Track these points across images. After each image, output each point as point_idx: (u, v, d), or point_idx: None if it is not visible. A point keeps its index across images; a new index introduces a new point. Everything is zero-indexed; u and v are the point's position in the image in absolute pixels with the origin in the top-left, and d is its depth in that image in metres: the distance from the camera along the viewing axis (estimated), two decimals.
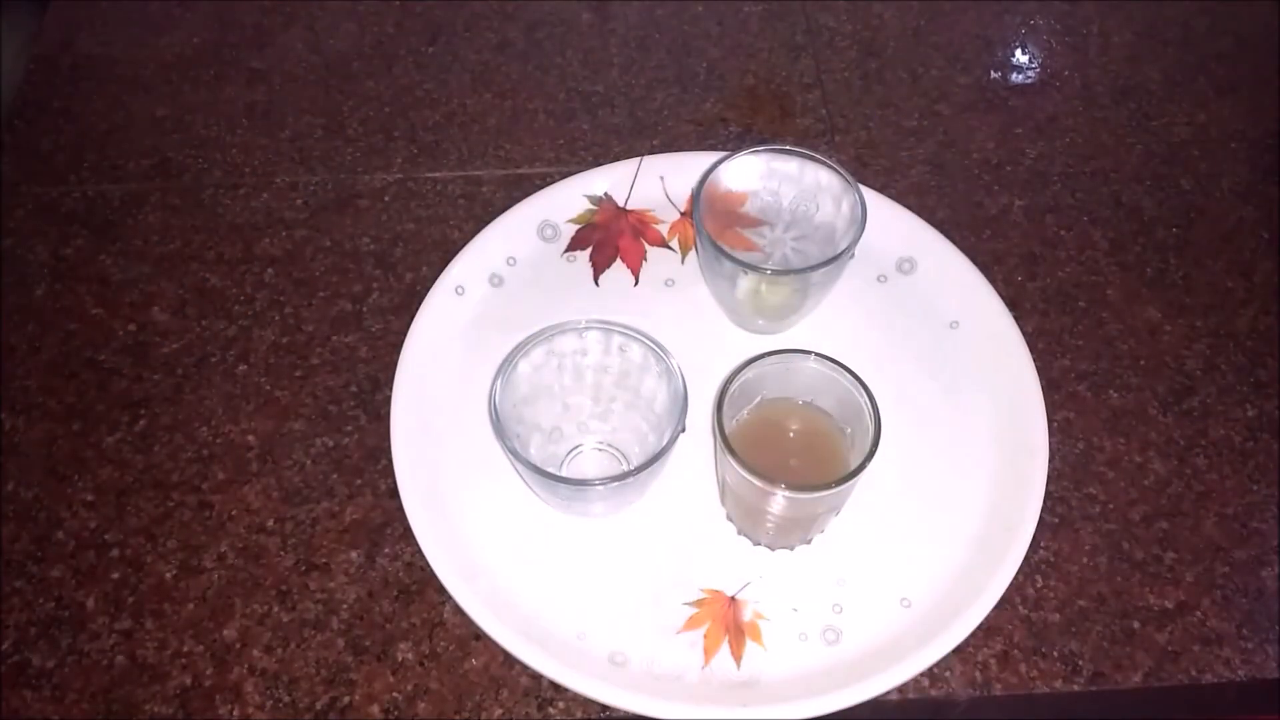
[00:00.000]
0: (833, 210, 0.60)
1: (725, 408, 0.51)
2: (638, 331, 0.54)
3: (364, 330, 0.64)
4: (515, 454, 0.50)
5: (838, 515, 0.55)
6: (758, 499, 0.51)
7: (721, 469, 0.55)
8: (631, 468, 0.54)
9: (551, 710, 0.52)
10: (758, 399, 0.55)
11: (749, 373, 0.52)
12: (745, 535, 0.56)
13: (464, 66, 0.78)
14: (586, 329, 0.55)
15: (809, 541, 0.56)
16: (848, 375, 0.52)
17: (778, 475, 0.49)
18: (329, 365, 0.63)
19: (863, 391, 0.51)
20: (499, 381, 0.52)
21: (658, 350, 0.53)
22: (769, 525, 0.54)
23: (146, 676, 0.53)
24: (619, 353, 0.55)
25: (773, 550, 0.56)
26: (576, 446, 0.58)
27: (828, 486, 0.49)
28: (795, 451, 0.55)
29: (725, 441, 0.50)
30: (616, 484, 0.52)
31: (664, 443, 0.51)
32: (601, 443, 0.58)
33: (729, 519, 0.56)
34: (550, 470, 0.53)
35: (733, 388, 0.52)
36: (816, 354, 0.53)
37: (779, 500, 0.50)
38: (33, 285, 0.66)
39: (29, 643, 0.54)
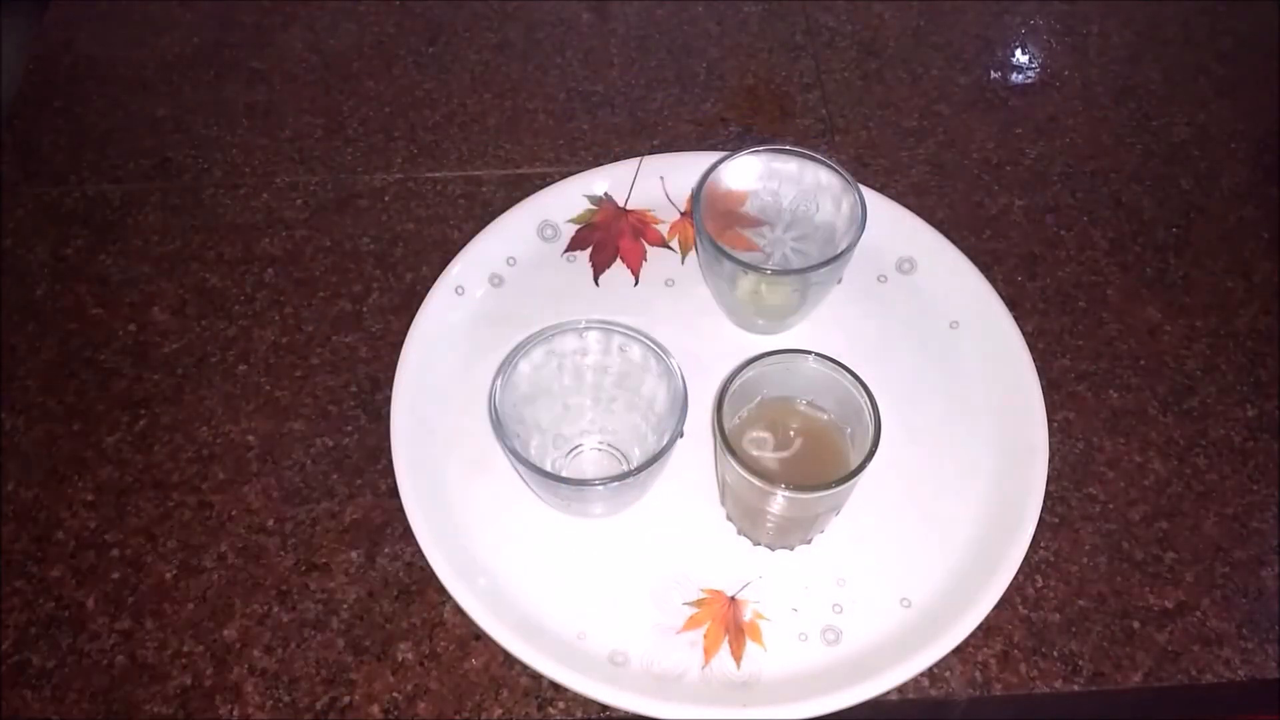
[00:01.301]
0: (833, 210, 0.60)
1: (725, 407, 0.51)
2: (638, 331, 0.54)
3: (364, 330, 0.64)
4: (515, 454, 0.50)
5: (838, 515, 0.55)
6: (758, 499, 0.51)
7: (721, 469, 0.55)
8: (631, 468, 0.54)
9: (551, 710, 0.52)
10: (758, 399, 0.55)
11: (749, 373, 0.52)
12: (745, 535, 0.56)
13: (464, 66, 0.78)
14: (586, 329, 0.55)
15: (809, 541, 0.56)
16: (848, 375, 0.52)
17: (778, 475, 0.49)
18: (329, 365, 0.63)
19: (863, 391, 0.51)
20: (499, 381, 0.52)
21: (658, 350, 0.53)
22: (769, 525, 0.54)
23: (146, 677, 0.53)
24: (619, 353, 0.55)
25: (773, 550, 0.56)
26: (577, 446, 0.58)
27: (828, 486, 0.49)
28: (795, 451, 0.55)
29: (725, 441, 0.50)
30: (616, 484, 0.52)
31: (664, 443, 0.51)
32: (601, 443, 0.58)
33: (729, 519, 0.56)
34: (550, 470, 0.53)
35: (733, 388, 0.52)
36: (816, 354, 0.53)
37: (779, 500, 0.50)
38: (33, 285, 0.66)
39: (29, 643, 0.54)
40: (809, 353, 0.53)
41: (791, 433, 0.55)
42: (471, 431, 0.58)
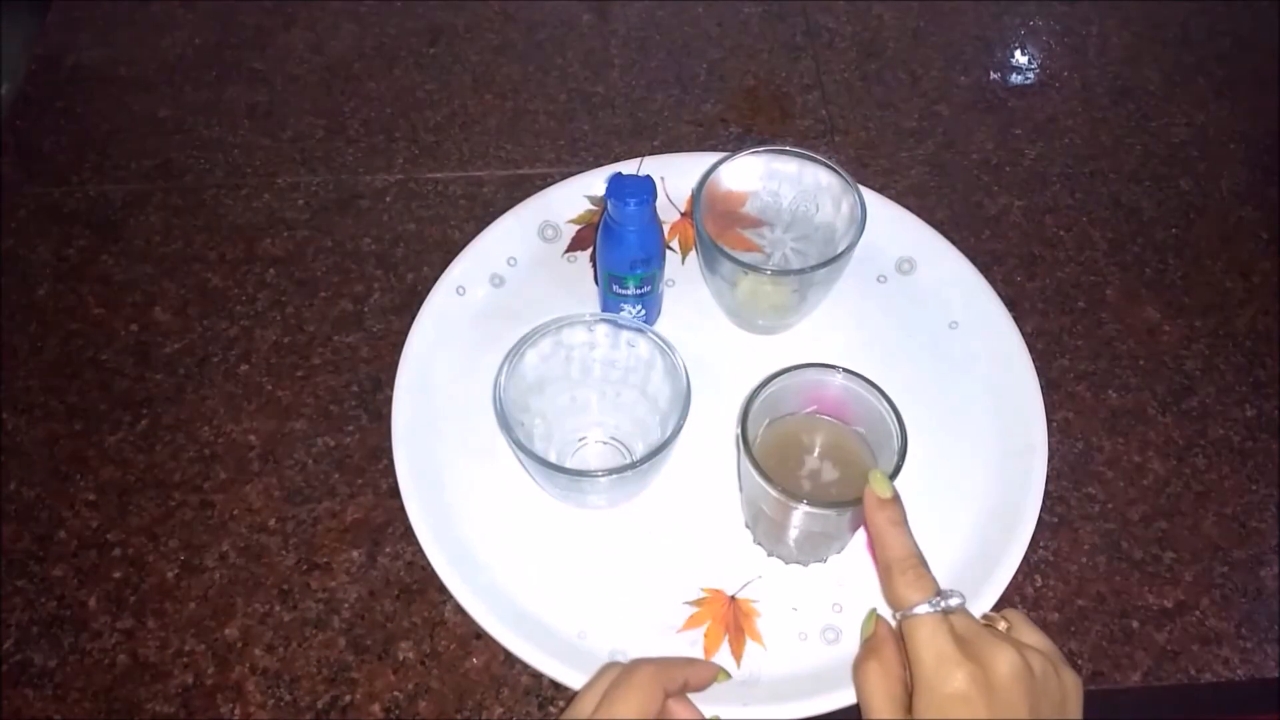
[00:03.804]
0: (833, 210, 0.60)
1: (750, 421, 0.50)
2: (645, 327, 0.54)
3: (365, 330, 0.64)
4: (519, 444, 0.50)
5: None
6: (781, 514, 0.50)
7: (745, 483, 0.54)
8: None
9: (551, 709, 0.52)
10: (783, 414, 0.54)
11: (775, 386, 0.51)
12: (762, 546, 0.55)
13: (465, 67, 0.78)
14: (596, 323, 0.55)
15: (824, 561, 0.55)
16: (874, 392, 0.50)
17: (801, 490, 0.48)
18: (330, 365, 0.63)
19: (888, 408, 0.50)
20: (504, 369, 0.52)
21: (664, 346, 0.53)
22: (791, 539, 0.53)
23: (148, 675, 0.53)
24: (627, 347, 0.55)
25: (786, 564, 0.55)
26: (582, 439, 0.58)
27: (853, 503, 0.48)
28: (821, 466, 0.54)
29: (750, 455, 0.49)
30: (617, 475, 0.52)
31: (666, 437, 0.51)
32: (607, 436, 0.58)
33: (747, 526, 0.56)
34: (553, 460, 0.53)
35: (758, 401, 0.50)
36: (844, 369, 0.51)
37: (801, 515, 0.49)
38: (35, 285, 0.67)
39: (31, 642, 0.54)
40: (835, 368, 0.51)
41: (816, 448, 0.54)
42: (473, 431, 0.58)
